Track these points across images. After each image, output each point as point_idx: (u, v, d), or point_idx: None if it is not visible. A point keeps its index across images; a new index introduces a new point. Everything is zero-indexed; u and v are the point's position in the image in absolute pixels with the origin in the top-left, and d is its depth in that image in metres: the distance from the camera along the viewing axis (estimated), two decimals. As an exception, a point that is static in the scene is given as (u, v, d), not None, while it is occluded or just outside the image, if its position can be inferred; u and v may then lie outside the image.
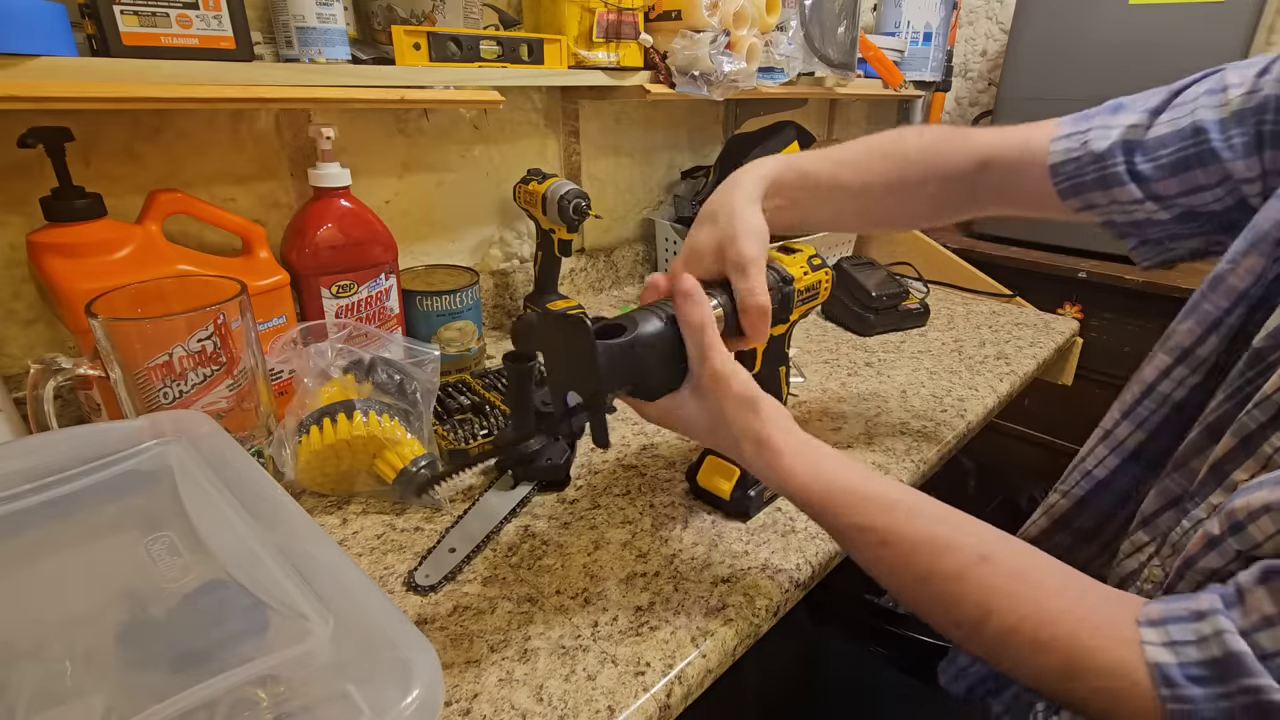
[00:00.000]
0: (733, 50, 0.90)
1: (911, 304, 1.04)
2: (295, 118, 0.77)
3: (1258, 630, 0.31)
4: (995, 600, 0.38)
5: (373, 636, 0.30)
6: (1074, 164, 0.52)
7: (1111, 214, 0.53)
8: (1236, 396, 0.43)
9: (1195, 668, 0.32)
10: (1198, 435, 0.45)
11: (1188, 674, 0.32)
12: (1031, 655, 0.36)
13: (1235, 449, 0.41)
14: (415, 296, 0.80)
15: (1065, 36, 1.35)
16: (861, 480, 0.44)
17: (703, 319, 0.44)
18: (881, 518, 0.42)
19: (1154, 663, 0.33)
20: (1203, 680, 0.32)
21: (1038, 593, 0.38)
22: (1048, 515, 0.57)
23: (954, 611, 0.39)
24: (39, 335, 0.67)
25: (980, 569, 0.39)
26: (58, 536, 0.37)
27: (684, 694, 0.44)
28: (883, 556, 0.42)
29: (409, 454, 0.57)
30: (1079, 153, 0.52)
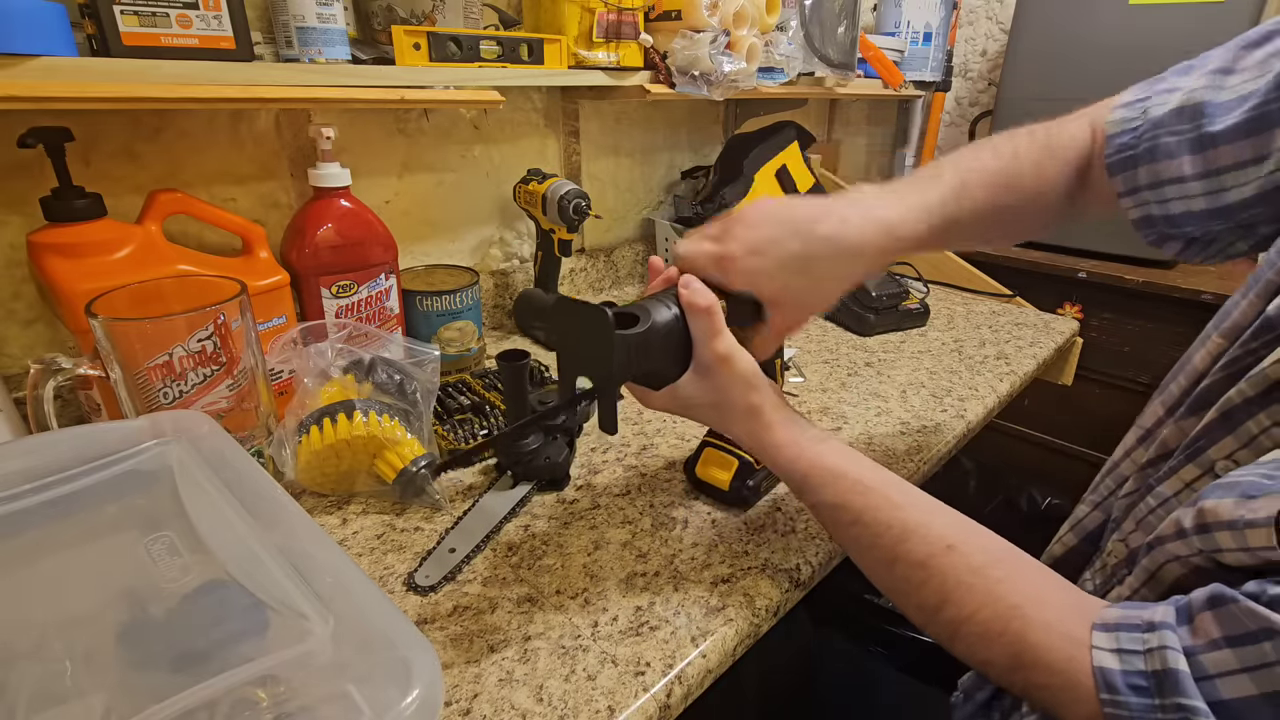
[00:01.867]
0: (733, 50, 0.90)
1: (911, 304, 1.04)
2: (295, 118, 0.77)
3: (1200, 652, 0.32)
4: (953, 590, 0.39)
5: (373, 636, 0.30)
6: (1133, 133, 0.47)
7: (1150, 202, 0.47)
8: (1232, 368, 0.40)
9: (1137, 677, 0.33)
10: (1184, 410, 0.44)
11: (1129, 682, 0.33)
12: (981, 645, 0.38)
13: (1214, 423, 0.39)
14: (415, 296, 0.80)
15: (1065, 36, 1.35)
16: (843, 461, 0.46)
17: (709, 303, 0.45)
18: (856, 499, 0.44)
19: (1099, 666, 0.34)
20: (1142, 690, 0.33)
21: (996, 588, 0.39)
22: (1076, 531, 0.54)
23: (914, 596, 0.41)
24: (39, 335, 0.67)
25: (944, 558, 0.40)
26: (58, 536, 0.37)
27: (684, 694, 0.44)
28: (855, 535, 0.44)
29: (409, 454, 0.57)
30: (1138, 121, 0.47)
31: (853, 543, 0.45)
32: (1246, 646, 0.30)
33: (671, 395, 0.48)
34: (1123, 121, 0.48)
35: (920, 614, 0.42)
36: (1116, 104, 0.49)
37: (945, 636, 0.40)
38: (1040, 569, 0.40)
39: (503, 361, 0.48)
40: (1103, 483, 0.52)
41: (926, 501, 0.44)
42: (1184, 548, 0.37)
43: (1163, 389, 0.48)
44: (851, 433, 0.74)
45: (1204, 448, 0.40)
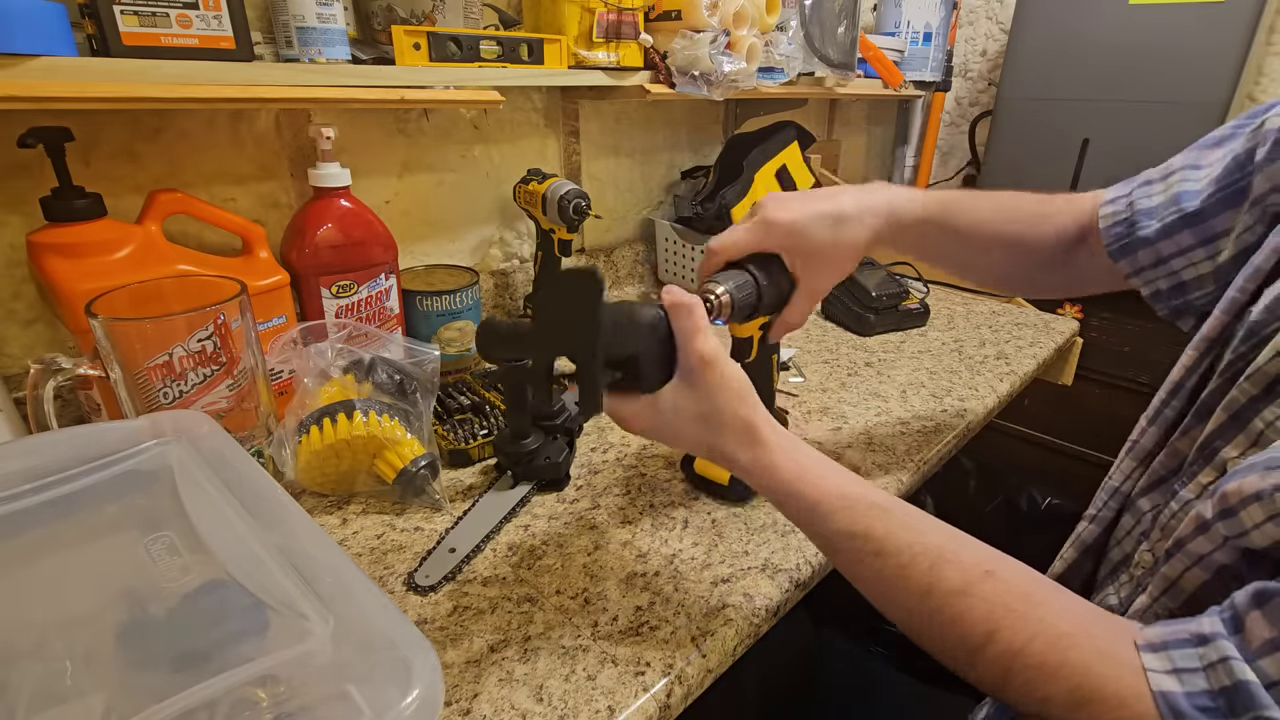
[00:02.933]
0: (733, 50, 0.90)
1: (911, 304, 1.04)
2: (295, 118, 0.77)
3: (1260, 657, 0.30)
4: (1001, 618, 0.35)
5: (373, 636, 0.30)
6: (1125, 224, 0.52)
7: (1157, 279, 0.52)
8: (1229, 373, 0.41)
9: (1203, 697, 0.31)
10: (1190, 419, 0.44)
11: (1196, 704, 0.31)
12: (1039, 680, 0.34)
13: (1225, 424, 0.39)
14: (415, 296, 0.80)
15: (1065, 36, 1.35)
16: (853, 484, 0.42)
17: (690, 300, 0.43)
18: (877, 524, 0.40)
19: (1160, 691, 0.31)
20: (1211, 711, 0.30)
21: (1046, 613, 0.35)
22: (1075, 546, 0.54)
23: (954, 629, 0.37)
24: (39, 335, 0.67)
25: (986, 585, 0.36)
26: (58, 536, 0.37)
27: (684, 694, 0.44)
28: (878, 568, 0.39)
29: (409, 454, 0.57)
30: (1125, 213, 0.52)
31: (875, 575, 0.40)
32: None
33: (653, 408, 0.45)
34: (1112, 215, 0.53)
35: (960, 650, 0.37)
36: (1103, 199, 0.54)
37: (996, 676, 0.36)
38: (1066, 592, 0.37)
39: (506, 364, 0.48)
40: (1098, 496, 0.53)
41: (945, 526, 0.40)
42: (1206, 543, 0.36)
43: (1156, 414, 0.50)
44: (851, 433, 0.74)
45: (1218, 448, 0.40)
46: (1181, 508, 0.43)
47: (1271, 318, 0.39)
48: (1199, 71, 1.22)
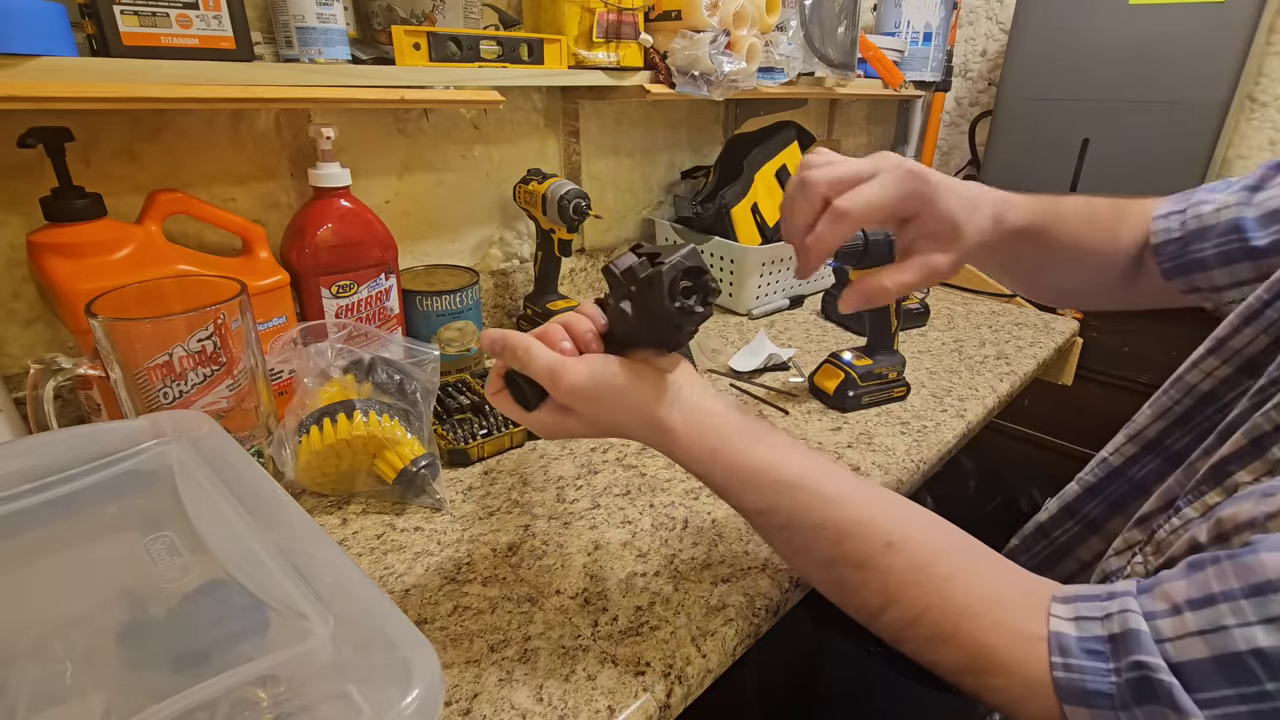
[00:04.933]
0: (733, 50, 0.90)
1: (911, 304, 1.04)
2: (295, 118, 0.77)
3: (1161, 617, 0.31)
4: (896, 591, 0.37)
5: (373, 636, 0.30)
6: (1179, 243, 0.51)
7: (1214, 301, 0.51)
8: (1259, 397, 0.41)
9: (1093, 641, 0.32)
10: (1213, 438, 0.43)
11: (1084, 646, 0.32)
12: (929, 647, 0.37)
13: (1245, 448, 0.39)
14: (415, 296, 0.80)
15: (1065, 36, 1.35)
16: (768, 457, 0.41)
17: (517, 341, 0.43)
18: (783, 500, 0.40)
19: (1055, 631, 0.33)
20: (1097, 654, 0.32)
21: (944, 585, 0.37)
22: (1059, 500, 0.57)
23: (853, 599, 0.39)
24: (39, 335, 0.67)
25: (885, 558, 0.38)
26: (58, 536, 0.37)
27: (684, 694, 0.44)
28: (787, 539, 0.41)
29: (409, 454, 0.57)
30: (1179, 232, 0.51)
31: (784, 547, 0.42)
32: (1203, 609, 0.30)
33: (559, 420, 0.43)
34: (1165, 232, 0.52)
35: (861, 615, 0.39)
36: (1155, 214, 0.52)
37: (891, 637, 0.38)
38: (993, 559, 0.38)
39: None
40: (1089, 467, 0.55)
41: (865, 493, 0.40)
42: None
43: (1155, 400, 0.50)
44: (851, 433, 0.74)
45: (1232, 471, 0.40)
46: (1183, 524, 0.42)
47: None
48: (1199, 71, 1.22)
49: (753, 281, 1.04)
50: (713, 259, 1.07)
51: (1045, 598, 0.35)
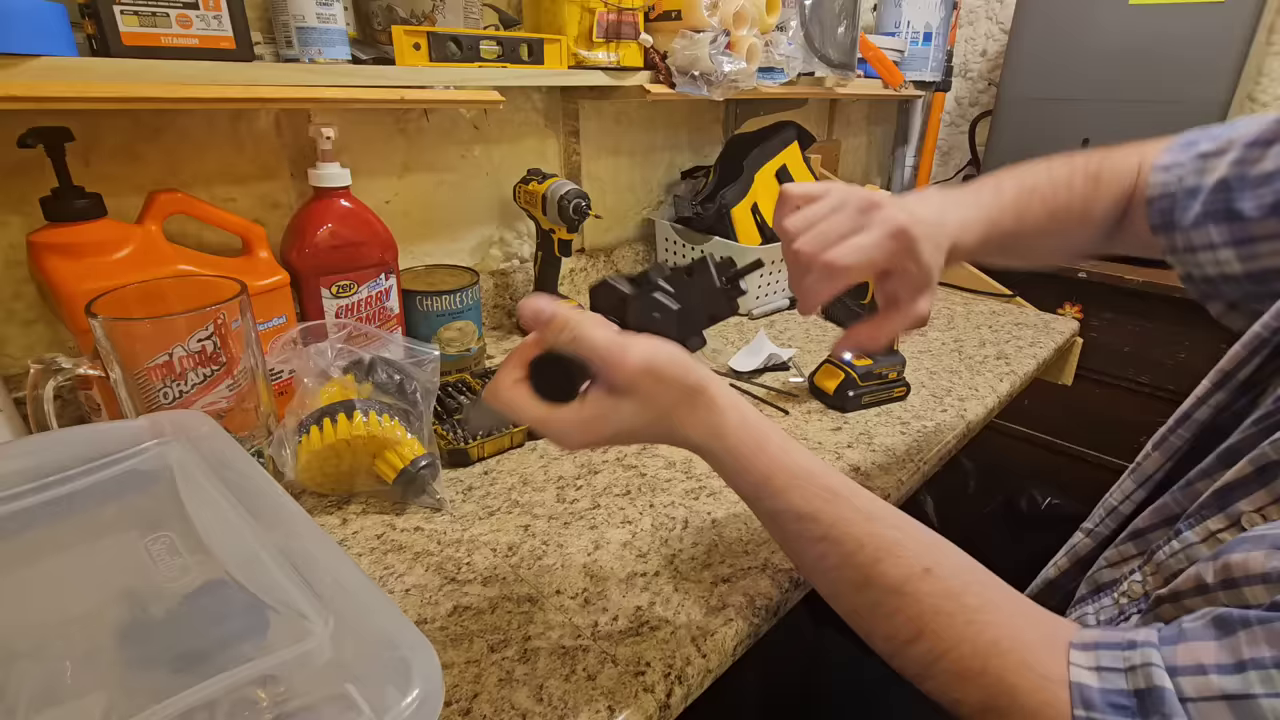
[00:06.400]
0: (733, 50, 0.90)
1: (911, 304, 1.04)
2: (295, 118, 0.77)
3: (1184, 674, 0.30)
4: (930, 620, 0.35)
5: (373, 636, 0.30)
6: (1170, 200, 0.50)
7: (1188, 264, 0.51)
8: (1265, 423, 0.40)
9: (1117, 695, 0.31)
10: (1213, 460, 0.43)
11: (1109, 700, 0.31)
12: (956, 683, 0.35)
13: (1249, 477, 0.38)
14: (415, 296, 0.80)
15: (1065, 36, 1.35)
16: (810, 462, 0.39)
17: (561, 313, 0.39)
18: (827, 508, 0.38)
19: (1076, 682, 0.32)
20: (1122, 709, 0.30)
21: (976, 617, 0.35)
22: (1069, 555, 0.54)
23: (886, 624, 0.37)
24: (39, 335, 0.67)
25: (921, 583, 0.36)
26: (58, 536, 0.37)
27: (684, 694, 0.44)
28: (822, 552, 0.38)
29: (409, 454, 0.57)
30: (1176, 188, 0.50)
31: (818, 560, 0.39)
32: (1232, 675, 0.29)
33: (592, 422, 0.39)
34: (1161, 185, 0.51)
35: (888, 644, 0.37)
36: (1156, 164, 0.52)
37: (915, 672, 0.36)
38: (1011, 593, 0.37)
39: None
40: (1096, 512, 0.53)
41: (896, 515, 0.39)
42: (1204, 604, 0.35)
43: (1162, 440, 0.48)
44: (852, 433, 0.74)
45: (1235, 499, 0.39)
46: (1184, 548, 0.42)
47: None
48: (1199, 71, 1.22)
49: (753, 281, 1.04)
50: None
51: (1065, 641, 0.34)
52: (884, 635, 0.37)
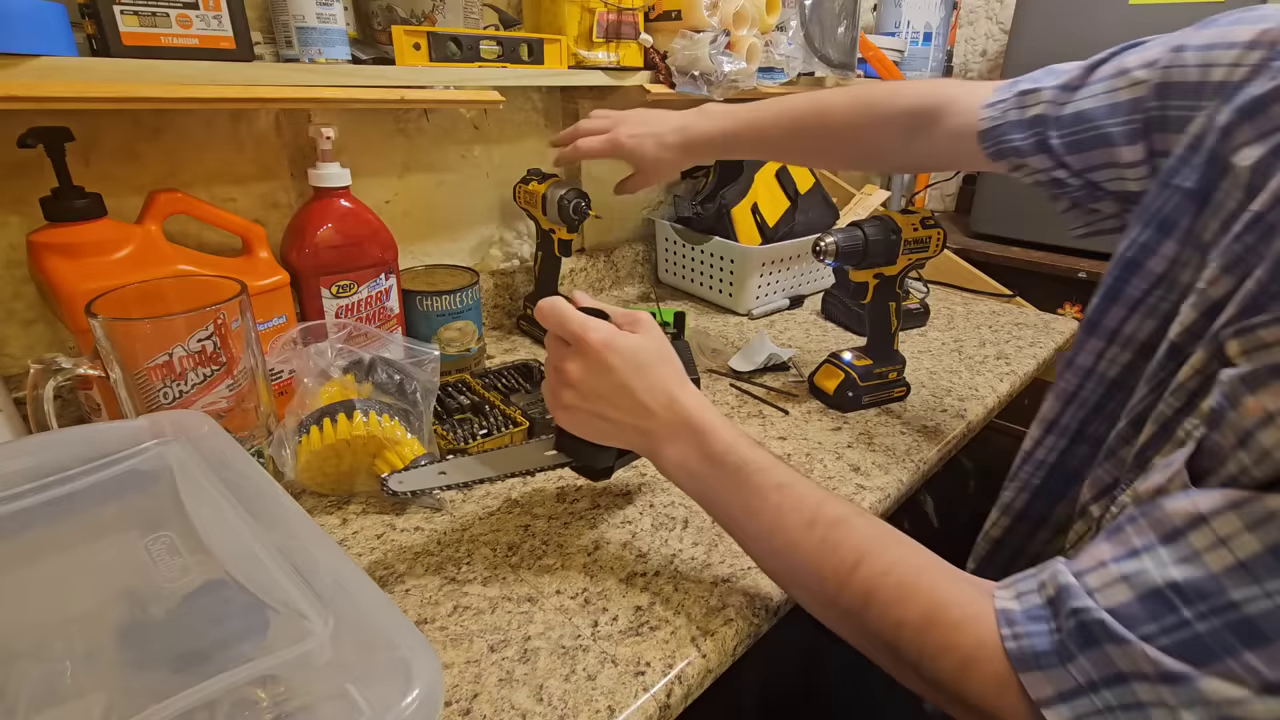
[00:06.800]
0: (733, 50, 0.90)
1: (911, 304, 1.04)
2: (295, 118, 0.77)
3: (1088, 572, 0.34)
4: (870, 545, 0.41)
5: (373, 636, 0.30)
6: (996, 131, 0.58)
7: (1036, 176, 0.58)
8: (1156, 386, 0.45)
9: (1035, 609, 0.35)
10: (1125, 425, 0.47)
11: (1029, 614, 0.35)
12: (897, 601, 0.39)
13: (1156, 435, 0.42)
14: (415, 296, 0.80)
15: (1065, 36, 1.35)
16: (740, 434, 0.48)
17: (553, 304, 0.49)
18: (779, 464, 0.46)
19: (1001, 609, 0.36)
20: (1039, 618, 0.35)
21: (907, 546, 0.41)
22: (1007, 513, 0.60)
23: (833, 555, 0.42)
24: (39, 335, 0.67)
25: (859, 518, 0.43)
26: (58, 536, 0.37)
27: (684, 694, 0.44)
28: (777, 501, 0.44)
29: (409, 454, 0.57)
30: (1000, 120, 0.58)
31: (774, 507, 0.44)
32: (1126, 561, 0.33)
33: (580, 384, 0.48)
34: (989, 119, 0.59)
35: (835, 576, 0.41)
36: (984, 103, 0.60)
37: (858, 601, 0.40)
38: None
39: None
40: (1021, 469, 0.58)
41: None
42: None
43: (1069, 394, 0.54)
44: (852, 433, 0.74)
45: (1149, 456, 0.42)
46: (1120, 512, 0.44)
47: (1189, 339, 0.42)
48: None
49: (753, 281, 1.04)
50: (713, 259, 1.07)
51: (988, 584, 0.39)
52: (831, 568, 0.42)
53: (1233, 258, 0.40)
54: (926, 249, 0.75)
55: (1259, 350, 0.33)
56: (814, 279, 1.15)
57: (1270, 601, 0.28)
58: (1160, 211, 0.47)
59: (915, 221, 0.74)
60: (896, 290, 0.77)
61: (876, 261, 0.74)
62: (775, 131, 0.72)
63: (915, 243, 0.74)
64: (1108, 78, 0.52)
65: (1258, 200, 0.39)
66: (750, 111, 0.73)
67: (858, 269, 0.75)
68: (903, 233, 0.73)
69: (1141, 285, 0.49)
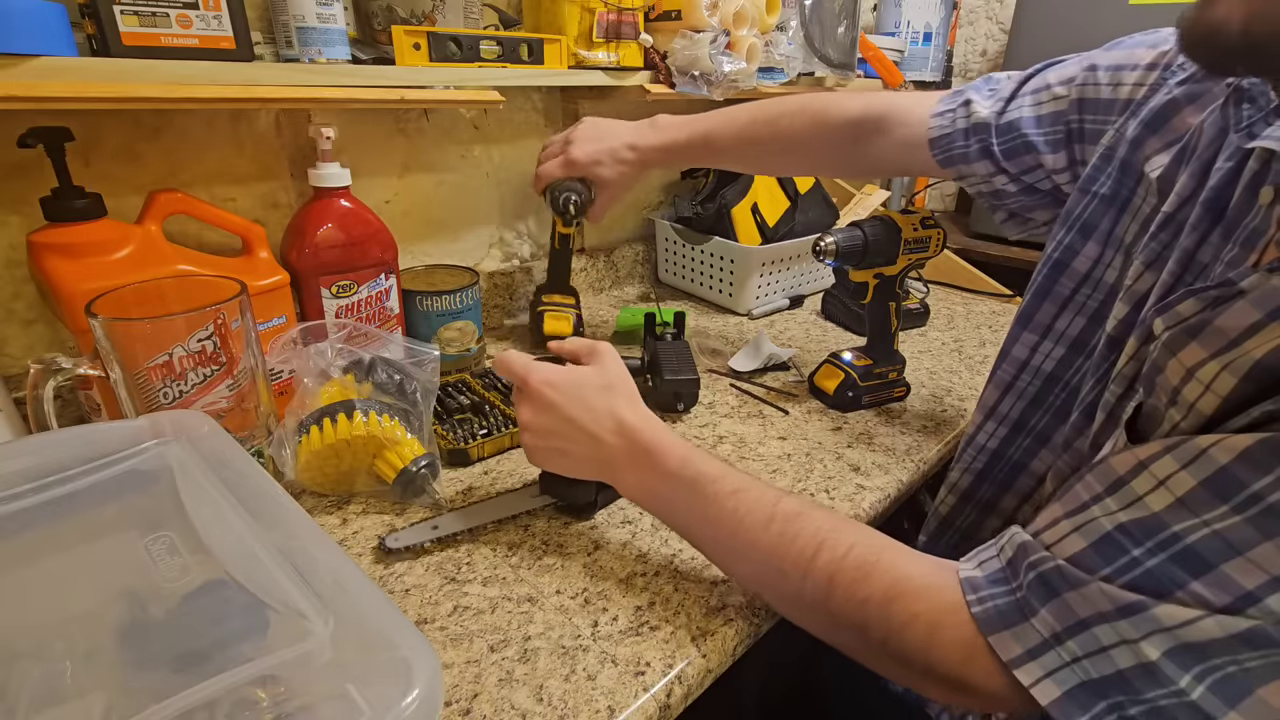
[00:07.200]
0: (733, 50, 0.90)
1: (911, 304, 1.04)
2: (295, 118, 0.77)
3: (1043, 530, 0.37)
4: (828, 531, 0.42)
5: (373, 636, 0.30)
6: (946, 139, 0.63)
7: (978, 185, 0.63)
8: (1100, 378, 0.48)
9: (996, 573, 0.37)
10: (1078, 417, 0.50)
11: (990, 578, 0.37)
12: (859, 580, 0.40)
13: (1105, 422, 0.45)
14: (415, 296, 0.80)
15: (1065, 36, 1.35)
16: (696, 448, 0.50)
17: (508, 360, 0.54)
18: (731, 471, 0.48)
19: (964, 577, 0.38)
20: (1000, 580, 0.37)
21: (864, 529, 0.43)
22: (953, 492, 0.63)
23: (793, 546, 0.43)
24: (39, 335, 0.67)
25: (815, 510, 0.45)
26: (58, 536, 0.37)
27: (684, 694, 0.44)
28: (733, 506, 0.46)
29: (409, 454, 0.57)
30: (950, 129, 0.63)
31: (730, 511, 0.46)
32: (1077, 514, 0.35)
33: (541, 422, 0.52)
34: (939, 128, 0.63)
35: (798, 566, 0.42)
36: (932, 112, 0.64)
37: (822, 586, 0.41)
38: None
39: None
40: (965, 452, 0.62)
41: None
42: None
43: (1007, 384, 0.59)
44: (852, 433, 0.74)
45: (1101, 444, 0.44)
46: None
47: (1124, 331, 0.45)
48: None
49: (753, 281, 1.04)
50: (713, 259, 1.07)
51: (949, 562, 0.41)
52: (793, 558, 0.43)
53: (1151, 255, 0.44)
54: (926, 249, 0.75)
55: (1178, 323, 0.36)
56: (814, 279, 1.15)
57: (1208, 529, 0.30)
58: (1081, 216, 0.52)
59: (915, 221, 0.74)
60: (896, 290, 0.77)
61: (876, 261, 0.74)
62: (724, 141, 0.74)
63: (915, 243, 0.74)
64: (1032, 92, 0.58)
65: (1168, 202, 0.44)
66: (701, 122, 0.75)
67: (858, 269, 0.75)
68: (903, 233, 0.73)
69: (1069, 284, 0.53)
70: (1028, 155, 0.58)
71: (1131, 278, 0.46)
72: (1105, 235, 0.51)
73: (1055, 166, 0.57)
